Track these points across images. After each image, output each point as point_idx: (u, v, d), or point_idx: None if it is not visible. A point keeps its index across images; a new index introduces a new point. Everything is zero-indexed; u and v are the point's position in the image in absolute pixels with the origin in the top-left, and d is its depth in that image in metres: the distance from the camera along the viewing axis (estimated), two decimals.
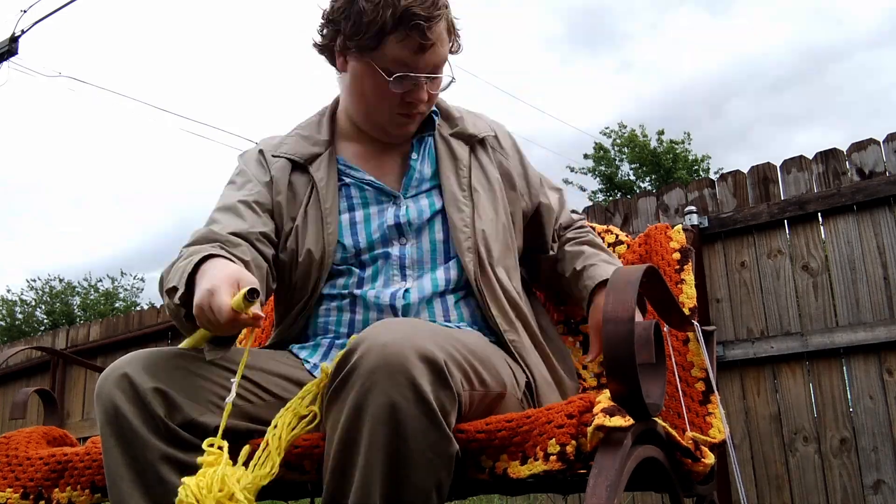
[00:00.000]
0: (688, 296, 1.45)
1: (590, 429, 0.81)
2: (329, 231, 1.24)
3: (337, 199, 1.28)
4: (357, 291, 1.23)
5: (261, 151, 1.34)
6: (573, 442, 0.83)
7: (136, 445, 1.02)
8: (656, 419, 0.93)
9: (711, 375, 1.36)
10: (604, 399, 0.84)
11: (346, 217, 1.28)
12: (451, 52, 1.26)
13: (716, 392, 1.35)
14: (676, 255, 1.51)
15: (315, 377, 1.20)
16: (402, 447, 0.86)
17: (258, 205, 1.25)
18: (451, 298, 1.24)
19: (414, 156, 1.32)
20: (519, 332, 1.25)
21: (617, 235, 1.69)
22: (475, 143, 1.34)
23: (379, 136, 1.33)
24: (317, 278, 1.24)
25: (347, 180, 1.31)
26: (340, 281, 1.26)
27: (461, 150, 1.32)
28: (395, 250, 1.25)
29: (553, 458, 0.83)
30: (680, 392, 1.36)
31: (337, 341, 1.25)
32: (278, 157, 1.32)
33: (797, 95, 32.89)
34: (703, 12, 37.06)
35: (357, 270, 1.26)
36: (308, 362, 1.25)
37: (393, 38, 1.17)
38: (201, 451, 1.03)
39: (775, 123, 31.58)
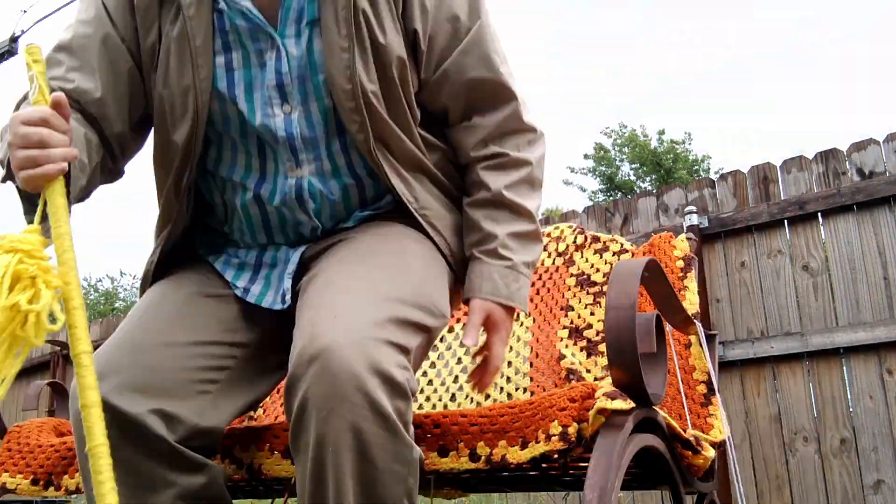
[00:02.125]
0: (690, 302, 1.48)
1: (591, 412, 0.82)
2: (202, 77, 1.00)
3: (210, 32, 1.00)
4: (255, 188, 1.05)
5: None
6: (575, 424, 0.85)
7: (139, 475, 0.94)
8: (657, 408, 0.94)
9: (714, 378, 1.37)
10: (606, 385, 0.86)
11: (220, 60, 1.01)
12: None
13: (717, 395, 1.37)
14: (680, 264, 1.54)
15: (249, 302, 1.08)
16: (370, 468, 0.84)
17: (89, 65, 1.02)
18: (363, 178, 1.06)
19: None
20: (429, 202, 1.09)
21: (622, 245, 1.72)
22: None
23: None
24: (191, 136, 1.01)
25: (222, 5, 1.01)
26: (227, 155, 1.06)
27: None
28: (280, 124, 1.00)
29: (555, 438, 0.85)
30: (682, 394, 1.38)
31: (262, 257, 1.11)
32: None
33: (790, 100, 33.05)
34: (697, 16, 37.23)
35: (241, 143, 1.05)
36: (237, 287, 1.11)
37: None
38: (203, 469, 0.98)
39: (770, 126, 31.72)
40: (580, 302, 1.68)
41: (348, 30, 0.98)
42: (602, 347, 1.60)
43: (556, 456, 0.84)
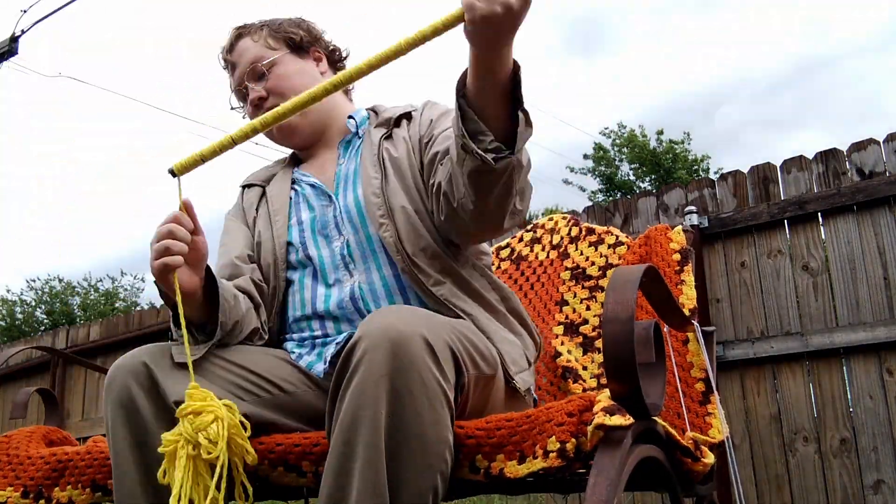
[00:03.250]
0: (688, 297, 1.45)
1: (590, 427, 0.81)
2: (277, 227, 1.38)
3: (287, 203, 1.42)
4: (320, 308, 1.30)
5: (241, 189, 1.53)
6: (573, 440, 0.83)
7: (146, 436, 1.03)
8: (656, 418, 0.93)
9: (711, 376, 1.36)
10: (604, 398, 0.85)
11: (294, 219, 1.40)
12: (271, 48, 1.42)
13: (715, 392, 1.36)
14: (676, 257, 1.52)
15: (301, 367, 1.27)
16: (405, 427, 0.88)
17: (239, 257, 1.40)
18: (405, 289, 1.27)
19: (341, 159, 1.43)
20: (463, 298, 1.25)
21: (617, 237, 1.69)
22: (391, 125, 1.40)
23: (307, 153, 1.49)
24: (275, 273, 1.35)
25: (297, 187, 1.44)
26: (296, 279, 1.35)
27: (377, 135, 1.39)
28: (337, 248, 1.32)
29: (553, 455, 0.83)
30: (680, 392, 1.37)
31: (316, 340, 1.30)
32: (248, 186, 1.51)
33: (787, 102, 33.07)
34: (695, 22, 37.26)
35: (308, 268, 1.34)
36: (293, 352, 1.31)
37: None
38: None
39: (766, 129, 31.73)
40: (575, 296, 1.66)
41: (375, 164, 1.32)
42: (598, 343, 1.59)
43: (554, 472, 0.83)
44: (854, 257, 2.83)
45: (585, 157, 18.51)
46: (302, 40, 1.46)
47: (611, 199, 16.62)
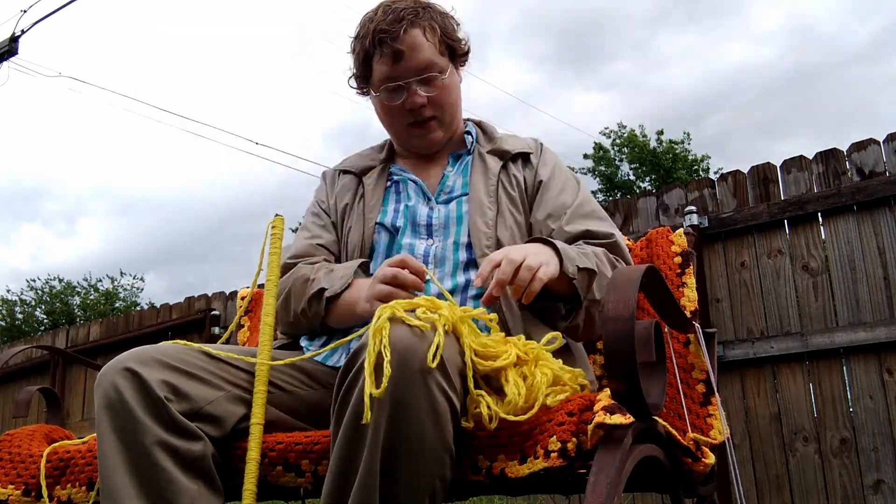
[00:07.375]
0: (689, 299, 1.46)
1: (590, 426, 0.81)
2: (369, 225, 1.39)
3: (381, 197, 1.43)
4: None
5: (336, 172, 1.54)
6: (574, 439, 0.84)
7: (133, 430, 1.03)
8: (656, 418, 0.93)
9: (712, 377, 1.36)
10: (604, 397, 0.85)
11: (391, 207, 1.42)
12: (441, 54, 1.37)
13: (716, 394, 1.36)
14: (678, 259, 1.52)
15: (319, 364, 1.27)
16: (405, 431, 0.88)
17: (319, 244, 1.46)
18: (469, 299, 1.28)
19: (449, 169, 1.45)
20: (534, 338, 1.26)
21: None
22: (508, 158, 1.43)
23: (414, 153, 1.47)
24: (360, 256, 1.37)
25: (396, 178, 1.46)
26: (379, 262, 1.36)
27: (493, 163, 1.42)
28: (422, 247, 1.34)
29: (554, 454, 0.83)
30: (681, 394, 1.37)
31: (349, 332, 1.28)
32: (344, 171, 1.52)
33: (777, 110, 33.18)
34: (686, 32, 37.38)
35: (389, 251, 1.36)
36: (308, 350, 1.31)
37: (375, 60, 1.36)
38: (201, 441, 1.06)
39: (755, 137, 31.83)
40: None
41: (490, 194, 1.37)
42: (599, 345, 1.59)
43: (555, 471, 0.83)
44: (854, 257, 2.83)
45: (585, 156, 18.54)
46: (463, 54, 1.44)
47: (611, 199, 16.62)
